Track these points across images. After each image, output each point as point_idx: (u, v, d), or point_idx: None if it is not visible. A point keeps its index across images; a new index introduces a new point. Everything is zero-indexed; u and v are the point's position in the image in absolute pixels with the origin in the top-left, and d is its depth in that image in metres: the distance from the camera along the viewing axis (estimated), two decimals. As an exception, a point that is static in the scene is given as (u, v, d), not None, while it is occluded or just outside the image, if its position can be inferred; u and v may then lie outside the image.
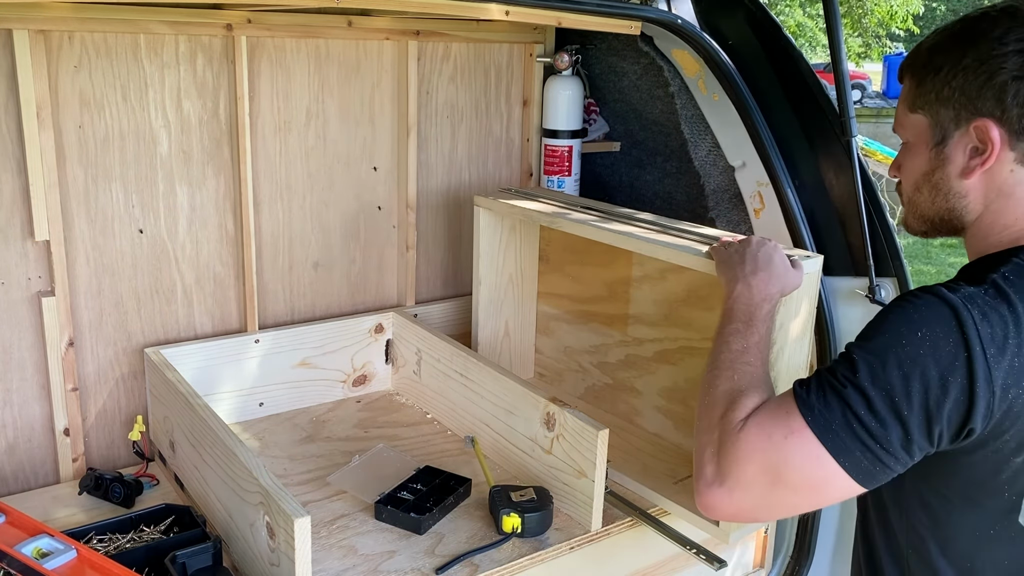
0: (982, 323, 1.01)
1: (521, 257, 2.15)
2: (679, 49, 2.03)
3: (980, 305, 1.02)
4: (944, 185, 1.14)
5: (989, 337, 1.00)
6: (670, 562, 1.73)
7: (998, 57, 1.06)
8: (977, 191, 1.13)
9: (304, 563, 1.29)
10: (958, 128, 1.11)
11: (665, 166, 2.33)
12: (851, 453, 1.04)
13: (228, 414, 1.94)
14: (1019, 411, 1.02)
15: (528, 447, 1.72)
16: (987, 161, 1.09)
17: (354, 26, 1.99)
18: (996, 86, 1.06)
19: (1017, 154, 1.09)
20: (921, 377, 1.01)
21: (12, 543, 1.33)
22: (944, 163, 1.14)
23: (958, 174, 1.13)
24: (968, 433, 1.03)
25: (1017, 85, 1.05)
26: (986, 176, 1.11)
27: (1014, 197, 1.11)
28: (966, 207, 1.14)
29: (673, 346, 1.88)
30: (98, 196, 1.77)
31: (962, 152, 1.12)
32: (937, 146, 1.14)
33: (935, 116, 1.13)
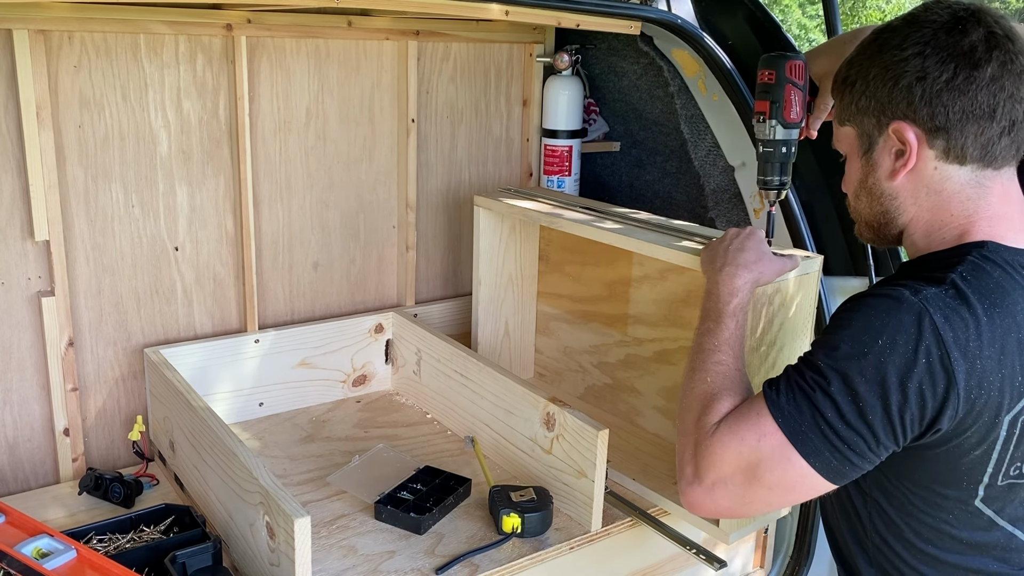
0: (944, 327, 1.04)
1: (521, 257, 2.15)
2: (679, 49, 2.03)
3: (942, 308, 1.05)
4: (876, 189, 1.20)
5: (952, 341, 1.03)
6: (670, 562, 1.73)
7: (900, 62, 1.12)
8: (906, 191, 1.18)
9: (304, 563, 1.29)
10: (880, 134, 1.17)
11: (665, 166, 2.33)
12: (820, 454, 1.08)
13: (228, 414, 1.94)
14: (980, 410, 1.05)
15: (528, 447, 1.72)
16: (908, 161, 1.14)
17: (354, 26, 1.99)
18: (902, 89, 1.12)
19: (936, 151, 1.13)
20: (884, 383, 1.04)
21: (12, 543, 1.33)
22: (874, 168, 1.20)
23: (886, 177, 1.18)
24: (934, 433, 1.07)
25: (921, 86, 1.11)
26: (912, 176, 1.16)
27: (944, 193, 1.15)
28: (898, 208, 1.19)
29: (673, 346, 1.88)
30: (98, 196, 1.77)
31: (887, 156, 1.17)
32: (866, 154, 1.20)
33: (860, 126, 1.20)
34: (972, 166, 1.13)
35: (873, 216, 1.23)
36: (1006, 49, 1.09)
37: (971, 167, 1.13)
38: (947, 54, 1.09)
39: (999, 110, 1.09)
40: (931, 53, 1.10)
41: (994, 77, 1.08)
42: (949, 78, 1.09)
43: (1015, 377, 1.06)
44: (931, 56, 1.10)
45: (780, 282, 1.49)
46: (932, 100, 1.10)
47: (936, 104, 1.10)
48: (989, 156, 1.12)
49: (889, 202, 1.19)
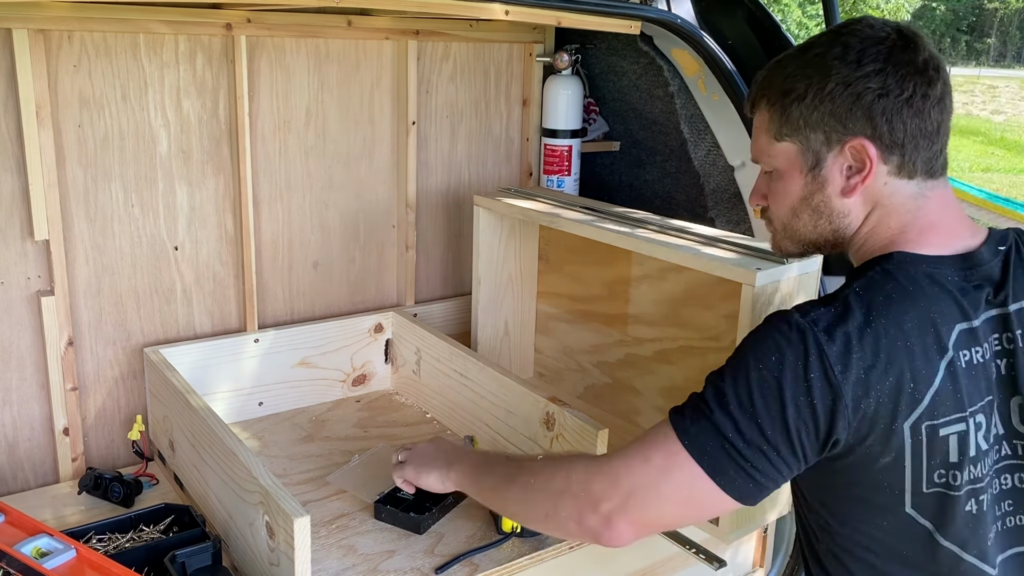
0: (827, 344, 1.06)
1: (521, 257, 2.15)
2: (679, 49, 2.03)
3: (825, 326, 1.07)
4: (825, 207, 1.19)
5: (835, 355, 1.05)
6: (670, 562, 1.73)
7: (861, 79, 1.11)
8: (857, 207, 1.18)
9: (304, 563, 1.29)
10: (831, 150, 1.15)
11: (665, 166, 2.33)
12: (725, 473, 1.09)
13: (227, 414, 1.94)
14: (873, 418, 1.07)
15: (528, 447, 1.72)
16: (867, 178, 1.14)
17: (354, 26, 1.99)
18: (864, 106, 1.11)
19: (890, 167, 1.14)
20: (778, 399, 1.07)
21: (11, 543, 1.33)
22: (823, 186, 1.18)
23: (838, 194, 1.17)
24: (833, 444, 1.08)
25: (883, 103, 1.11)
26: (866, 192, 1.16)
27: (890, 206, 1.16)
28: (848, 224, 1.19)
29: (672, 346, 1.89)
30: (97, 196, 1.77)
31: (839, 172, 1.16)
32: (812, 170, 1.18)
33: (805, 142, 1.17)
34: (918, 179, 1.15)
35: (818, 234, 1.22)
36: (944, 68, 1.14)
37: (917, 180, 1.15)
38: (906, 71, 1.11)
39: (942, 126, 1.13)
40: (892, 70, 1.11)
41: (942, 95, 1.12)
42: (909, 96, 1.11)
43: (905, 384, 1.07)
44: (892, 73, 1.11)
45: (779, 282, 1.49)
46: (892, 117, 1.11)
47: (896, 121, 1.11)
48: (932, 169, 1.15)
49: (840, 219, 1.19)
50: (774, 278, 1.48)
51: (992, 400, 1.12)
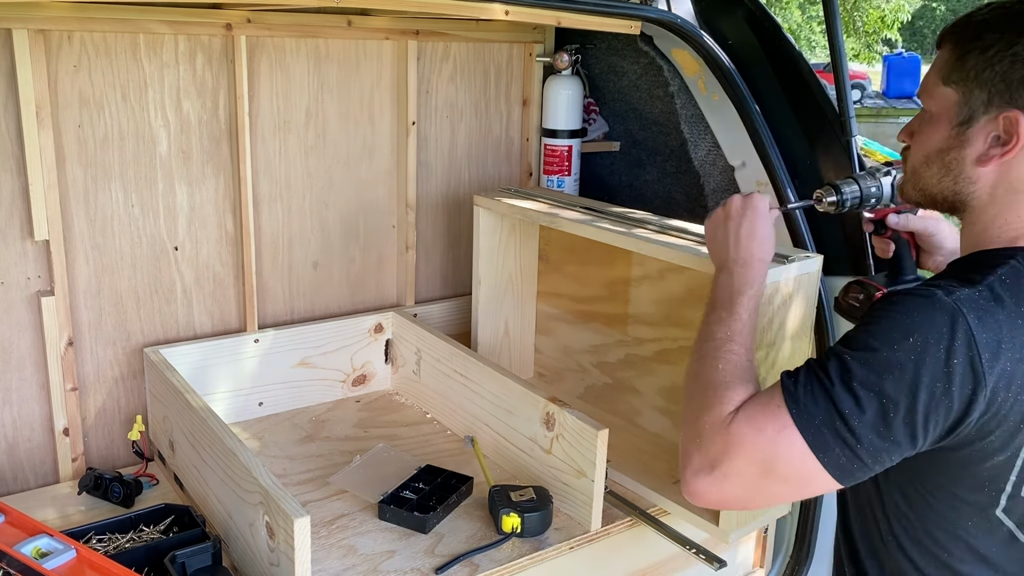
0: (978, 327, 1.00)
1: (521, 257, 2.15)
2: (679, 49, 2.03)
3: (976, 309, 1.01)
4: (956, 167, 1.12)
5: (984, 342, 1.00)
6: (670, 562, 1.73)
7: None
8: (987, 180, 1.11)
9: (304, 563, 1.29)
10: (986, 113, 1.08)
11: (665, 166, 2.33)
12: (831, 450, 1.04)
13: (227, 414, 1.94)
14: (1006, 413, 1.02)
15: (528, 447, 1.72)
16: (1007, 153, 1.07)
17: (354, 26, 1.99)
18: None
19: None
20: (912, 383, 1.01)
21: (12, 543, 1.33)
22: (963, 144, 1.11)
23: (974, 159, 1.10)
24: (957, 435, 1.03)
25: None
26: (1001, 168, 1.09)
27: (1022, 194, 1.09)
28: (972, 193, 1.12)
29: (673, 346, 1.88)
30: (97, 196, 1.77)
31: (983, 138, 1.09)
32: (960, 125, 1.11)
33: (967, 94, 1.10)
34: None
35: (939, 191, 1.15)
36: None
37: None
38: None
39: None
40: None
41: None
42: None
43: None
44: None
45: (779, 282, 1.49)
46: None
47: None
48: None
49: (966, 185, 1.12)
50: (772, 278, 1.48)
51: None
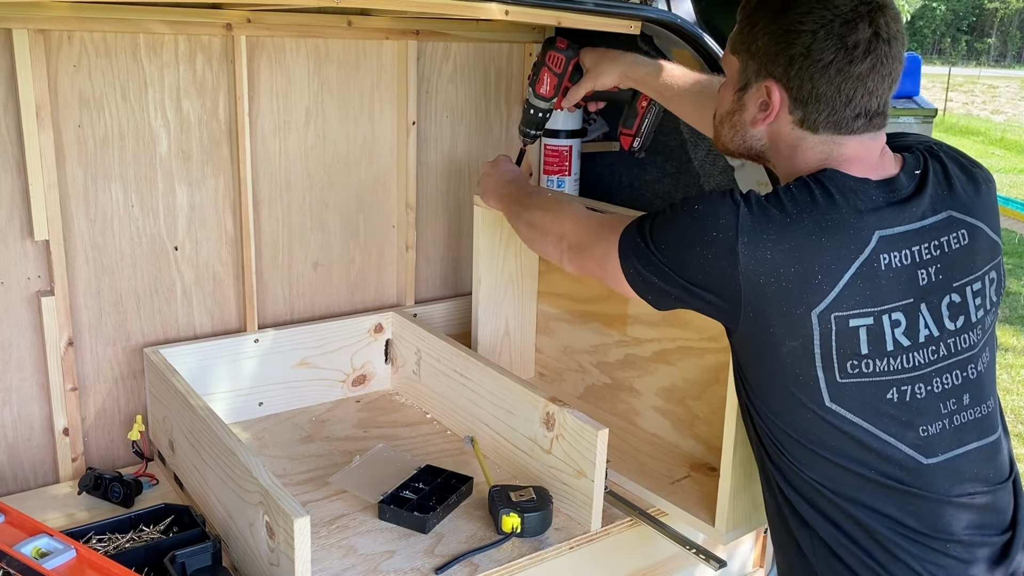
0: (745, 216, 1.18)
1: (521, 256, 2.15)
2: (679, 49, 2.03)
3: (752, 204, 1.20)
4: (740, 127, 1.33)
5: (747, 228, 1.18)
6: (670, 562, 1.73)
7: (795, 32, 1.21)
8: (767, 138, 1.31)
9: (304, 563, 1.29)
10: (756, 81, 1.28)
11: (665, 166, 2.33)
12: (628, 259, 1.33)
13: (227, 414, 1.94)
14: (774, 298, 1.18)
15: (528, 447, 1.72)
16: (768, 118, 1.28)
17: (354, 26, 1.99)
18: (787, 57, 1.22)
19: (794, 118, 1.26)
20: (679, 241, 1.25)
21: (11, 543, 1.33)
22: (742, 108, 1.32)
23: (749, 121, 1.31)
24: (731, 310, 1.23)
25: (801, 61, 1.21)
26: (772, 128, 1.29)
27: (800, 147, 1.28)
28: (763, 146, 1.33)
29: (671, 346, 1.88)
30: (97, 196, 1.77)
31: (754, 103, 1.29)
32: (740, 91, 1.31)
33: (744, 64, 1.30)
34: (825, 134, 1.25)
35: (735, 147, 1.37)
36: (881, 53, 1.20)
37: (824, 135, 1.25)
38: (833, 43, 1.19)
39: (855, 101, 1.22)
40: (822, 37, 1.19)
41: (861, 75, 1.20)
42: (826, 64, 1.20)
43: (813, 275, 1.16)
44: (820, 40, 1.19)
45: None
46: (804, 76, 1.21)
47: (806, 81, 1.22)
48: (844, 129, 1.24)
49: (754, 141, 1.33)
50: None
51: (915, 303, 1.21)
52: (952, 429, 1.24)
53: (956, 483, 1.23)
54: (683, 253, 1.25)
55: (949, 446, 1.23)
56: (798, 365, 1.20)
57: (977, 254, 1.26)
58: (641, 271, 1.31)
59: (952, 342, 1.24)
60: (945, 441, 1.23)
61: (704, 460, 1.81)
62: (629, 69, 1.79)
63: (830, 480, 1.23)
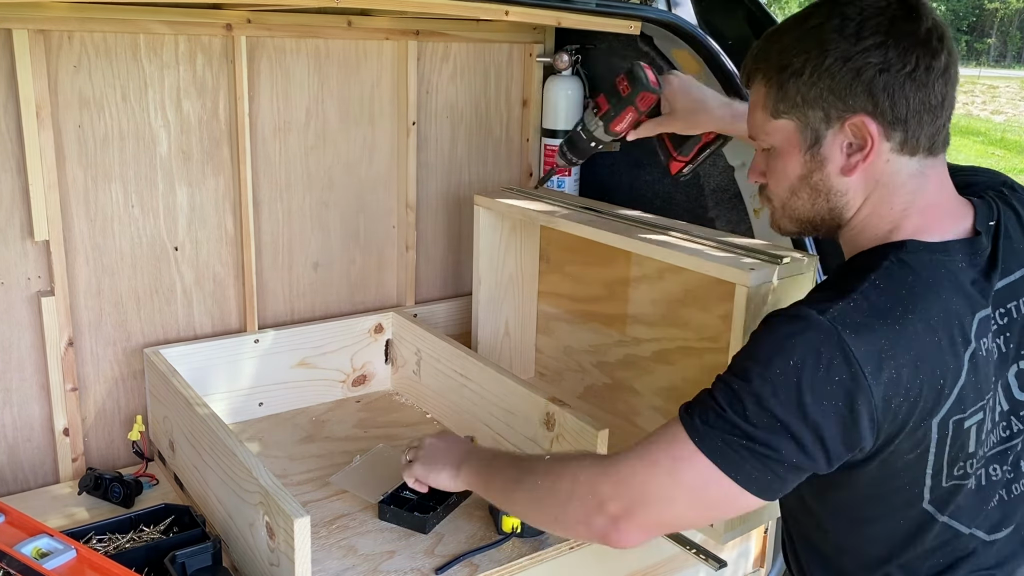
0: (856, 342, 1.01)
1: (521, 257, 2.15)
2: (679, 49, 2.03)
3: (851, 324, 1.02)
4: (824, 185, 1.14)
5: (864, 356, 1.01)
6: (670, 562, 1.73)
7: (861, 53, 1.06)
8: (858, 186, 1.13)
9: (304, 563, 1.29)
10: (830, 127, 1.11)
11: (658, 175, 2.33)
12: (742, 467, 1.04)
13: (227, 414, 1.94)
14: (904, 418, 1.04)
15: (528, 447, 1.72)
16: (869, 155, 1.10)
17: (354, 26, 1.99)
18: (865, 82, 1.07)
19: (893, 144, 1.10)
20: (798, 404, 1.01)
21: (12, 543, 1.33)
22: (822, 164, 1.13)
23: (838, 172, 1.13)
24: (860, 448, 1.05)
25: (884, 78, 1.06)
26: (867, 171, 1.12)
27: (891, 185, 1.12)
28: (847, 204, 1.15)
29: (671, 346, 1.88)
30: (98, 196, 1.77)
31: (839, 150, 1.12)
32: (811, 148, 1.13)
33: (803, 119, 1.12)
34: (920, 156, 1.11)
35: (815, 213, 1.17)
36: (949, 36, 1.08)
37: (919, 157, 1.11)
38: (908, 43, 1.06)
39: (947, 99, 1.09)
40: (893, 43, 1.05)
41: (946, 66, 1.07)
42: (911, 69, 1.06)
43: (935, 381, 1.04)
44: (893, 46, 1.05)
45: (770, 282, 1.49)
46: (894, 92, 1.06)
47: (898, 96, 1.07)
48: (935, 146, 1.12)
49: (838, 198, 1.15)
50: (768, 278, 1.48)
51: (996, 380, 1.12)
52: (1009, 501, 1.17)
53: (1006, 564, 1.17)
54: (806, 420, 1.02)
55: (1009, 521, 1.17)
56: (910, 476, 1.09)
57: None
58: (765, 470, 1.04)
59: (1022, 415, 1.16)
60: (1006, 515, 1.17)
61: (704, 460, 1.81)
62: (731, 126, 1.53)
63: None
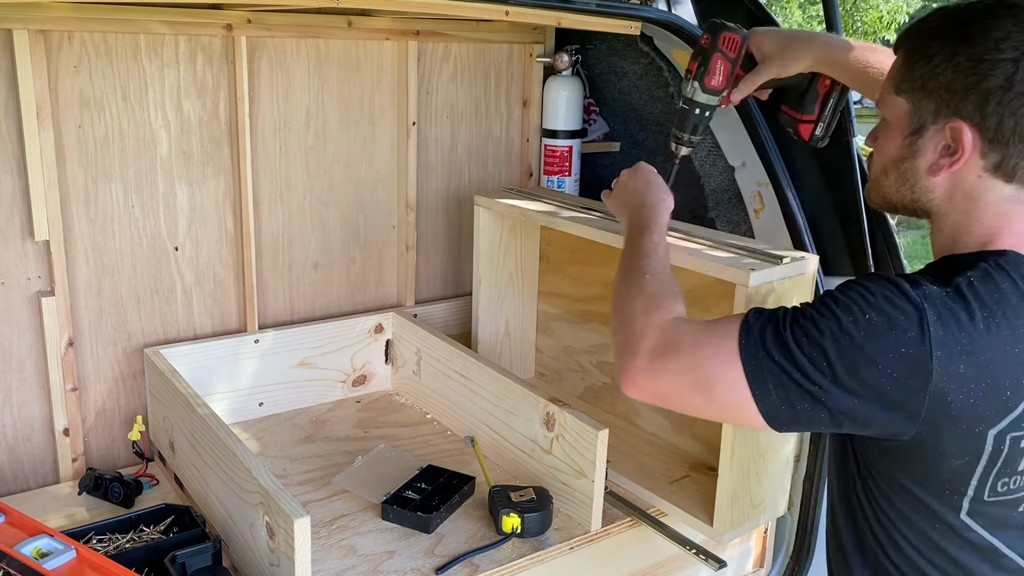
0: (935, 324, 1.01)
1: (521, 257, 2.15)
2: (679, 49, 2.03)
3: (938, 306, 1.02)
4: (911, 176, 1.14)
5: (939, 340, 1.01)
6: (670, 562, 1.73)
7: (990, 62, 1.03)
8: (943, 189, 1.12)
9: (304, 563, 1.29)
10: (935, 123, 1.09)
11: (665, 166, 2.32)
12: (764, 384, 1.06)
13: (227, 414, 1.94)
14: (957, 415, 1.03)
15: (528, 447, 1.72)
16: (955, 164, 1.08)
17: (354, 26, 1.99)
18: (981, 91, 1.04)
19: (987, 163, 1.07)
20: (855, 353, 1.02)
21: (12, 543, 1.33)
22: (915, 154, 1.12)
23: (926, 169, 1.12)
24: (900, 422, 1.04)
25: (1001, 94, 1.03)
26: (953, 177, 1.10)
27: (981, 201, 1.10)
28: (931, 200, 1.14)
29: (673, 346, 1.88)
30: (98, 196, 1.77)
31: (934, 148, 1.10)
32: (912, 135, 1.12)
33: (916, 104, 1.11)
34: (1016, 185, 1.08)
35: (899, 199, 1.17)
36: None
37: (1016, 186, 1.08)
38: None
39: None
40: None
41: None
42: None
43: (1002, 391, 1.03)
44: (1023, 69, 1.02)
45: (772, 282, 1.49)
46: (1005, 112, 1.03)
47: (1007, 117, 1.03)
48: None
49: (923, 193, 1.13)
50: (768, 279, 1.48)
51: None
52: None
53: None
54: (855, 376, 1.03)
55: None
56: (952, 481, 1.08)
57: None
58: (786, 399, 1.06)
59: None
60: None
61: (703, 460, 1.81)
62: (826, 53, 1.48)
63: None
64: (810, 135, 1.61)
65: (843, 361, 1.03)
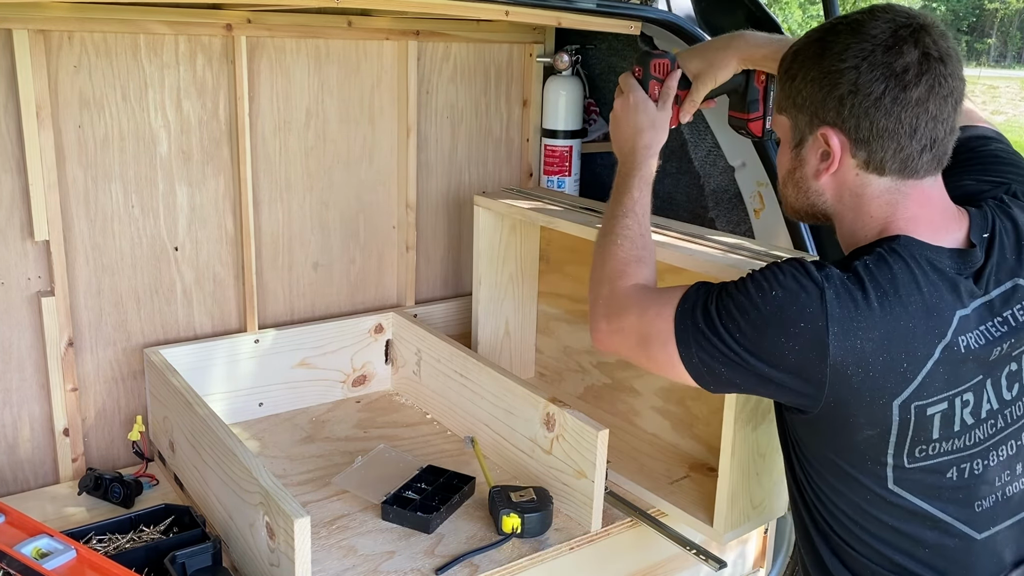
0: (833, 302, 1.12)
1: (521, 257, 2.15)
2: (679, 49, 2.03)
3: (837, 286, 1.13)
4: (803, 184, 1.26)
5: (836, 317, 1.11)
6: (670, 562, 1.73)
7: (837, 72, 1.16)
8: (831, 191, 1.24)
9: (304, 563, 1.29)
10: (811, 132, 1.22)
11: (665, 166, 2.33)
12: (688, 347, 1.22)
13: (227, 414, 1.94)
14: (860, 388, 1.12)
15: (528, 447, 1.72)
16: (831, 166, 1.20)
17: (354, 26, 1.99)
18: (835, 98, 1.16)
19: (859, 160, 1.19)
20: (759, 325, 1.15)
21: (12, 543, 1.33)
22: (802, 164, 1.25)
23: (812, 175, 1.24)
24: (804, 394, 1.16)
25: (852, 99, 1.15)
26: (835, 179, 1.22)
27: (865, 196, 1.21)
28: (825, 203, 1.25)
29: (673, 346, 1.88)
30: (98, 196, 1.77)
31: (814, 155, 1.23)
32: (796, 147, 1.25)
33: (794, 119, 1.24)
34: (891, 177, 1.18)
35: (801, 206, 1.29)
36: (936, 72, 1.14)
37: (890, 177, 1.18)
38: (880, 73, 1.13)
39: (920, 130, 1.15)
40: (866, 69, 1.14)
41: (920, 99, 1.13)
42: (878, 96, 1.14)
43: (899, 363, 1.12)
44: (866, 72, 1.14)
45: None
46: (859, 114, 1.15)
47: (862, 118, 1.15)
48: (909, 169, 1.17)
49: (816, 197, 1.25)
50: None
51: (983, 379, 1.17)
52: (1003, 500, 1.21)
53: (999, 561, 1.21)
54: (762, 344, 1.16)
55: (1001, 518, 1.21)
56: (869, 452, 1.17)
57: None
58: (707, 361, 1.20)
59: (1008, 412, 1.20)
60: (997, 514, 1.21)
61: (703, 460, 1.81)
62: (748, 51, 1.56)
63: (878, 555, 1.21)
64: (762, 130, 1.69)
65: (753, 330, 1.16)
